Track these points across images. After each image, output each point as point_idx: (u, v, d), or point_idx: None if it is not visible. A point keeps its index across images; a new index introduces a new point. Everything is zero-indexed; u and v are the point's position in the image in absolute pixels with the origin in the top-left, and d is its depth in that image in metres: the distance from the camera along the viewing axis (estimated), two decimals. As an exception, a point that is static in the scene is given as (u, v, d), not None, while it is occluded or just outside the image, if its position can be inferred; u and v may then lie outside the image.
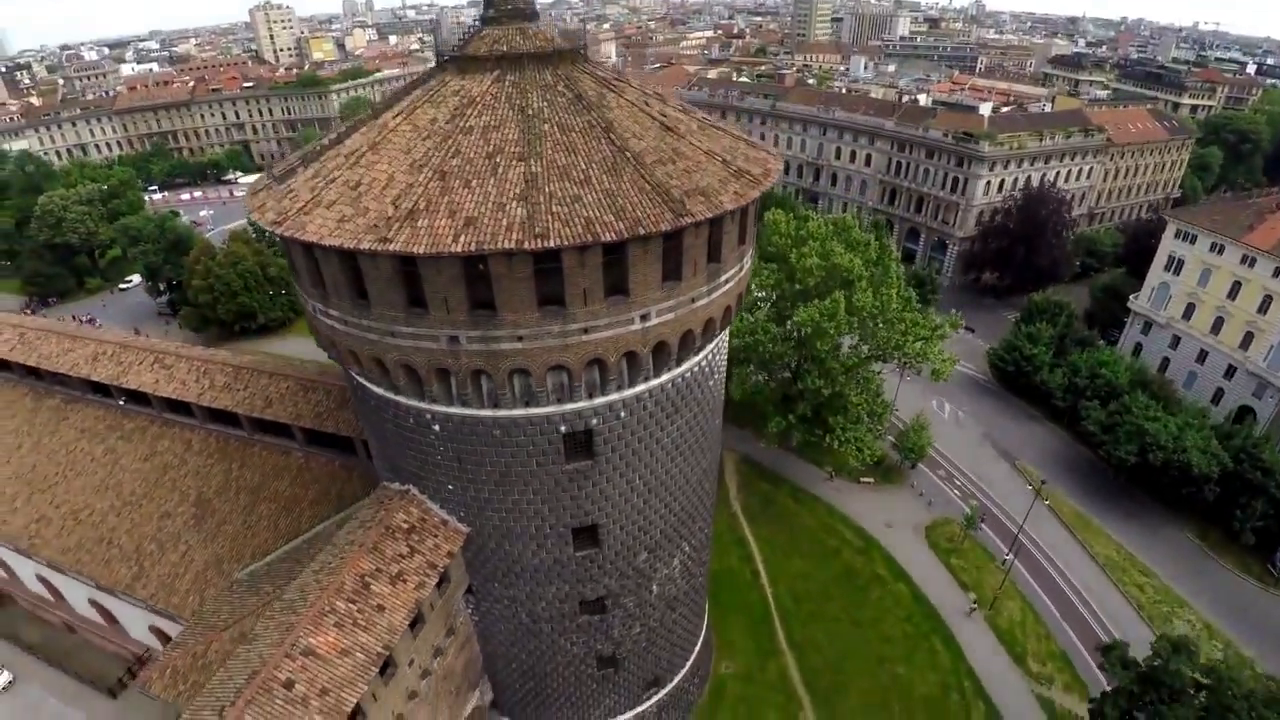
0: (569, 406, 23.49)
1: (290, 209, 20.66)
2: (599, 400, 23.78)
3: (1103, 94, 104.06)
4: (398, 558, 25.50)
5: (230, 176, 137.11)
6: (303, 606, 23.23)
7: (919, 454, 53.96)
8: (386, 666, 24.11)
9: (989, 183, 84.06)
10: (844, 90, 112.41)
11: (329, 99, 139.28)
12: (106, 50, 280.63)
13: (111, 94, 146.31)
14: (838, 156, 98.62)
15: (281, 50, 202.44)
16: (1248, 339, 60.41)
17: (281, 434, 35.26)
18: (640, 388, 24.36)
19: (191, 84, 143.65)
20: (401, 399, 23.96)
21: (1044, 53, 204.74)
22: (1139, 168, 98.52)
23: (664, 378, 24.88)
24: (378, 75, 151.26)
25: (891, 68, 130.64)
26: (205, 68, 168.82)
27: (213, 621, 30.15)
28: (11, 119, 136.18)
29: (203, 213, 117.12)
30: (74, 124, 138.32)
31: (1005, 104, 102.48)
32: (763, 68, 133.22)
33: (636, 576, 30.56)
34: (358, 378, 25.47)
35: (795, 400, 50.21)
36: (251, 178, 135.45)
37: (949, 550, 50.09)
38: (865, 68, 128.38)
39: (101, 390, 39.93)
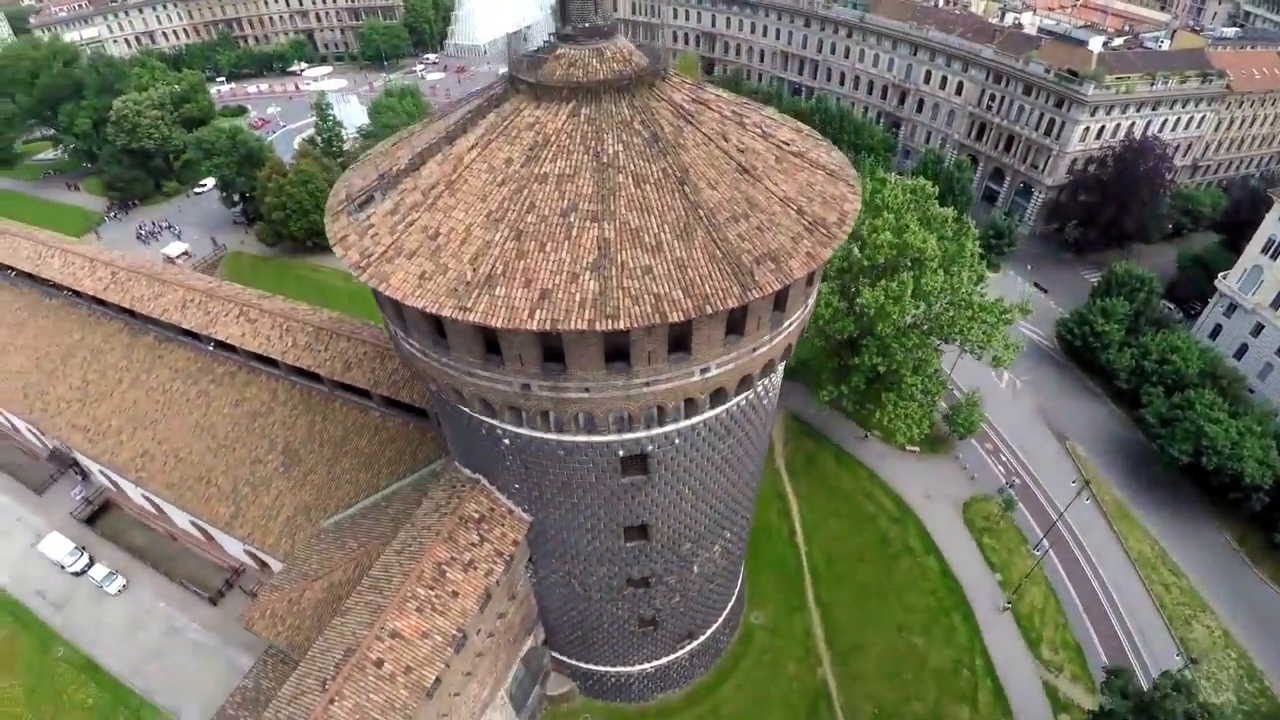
0: (627, 435, 24.88)
1: (373, 252, 21.63)
2: (655, 431, 25.07)
3: (1231, 31, 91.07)
4: (469, 546, 28.37)
5: (295, 68, 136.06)
6: (389, 589, 26.47)
7: (969, 430, 53.95)
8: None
9: (1088, 129, 77.05)
10: (942, 3, 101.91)
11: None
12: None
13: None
14: (926, 81, 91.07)
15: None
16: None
17: (360, 393, 38.06)
18: (695, 419, 25.47)
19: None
20: (474, 414, 25.73)
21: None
22: (1258, 118, 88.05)
23: (719, 409, 25.86)
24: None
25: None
26: None
27: (304, 569, 34.37)
28: (80, 6, 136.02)
29: (270, 109, 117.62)
30: (140, 10, 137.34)
31: (1119, 31, 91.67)
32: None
33: (679, 561, 33.12)
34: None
35: (850, 371, 50.35)
36: (317, 70, 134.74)
37: (984, 529, 51.32)
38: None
39: (191, 333, 43.27)
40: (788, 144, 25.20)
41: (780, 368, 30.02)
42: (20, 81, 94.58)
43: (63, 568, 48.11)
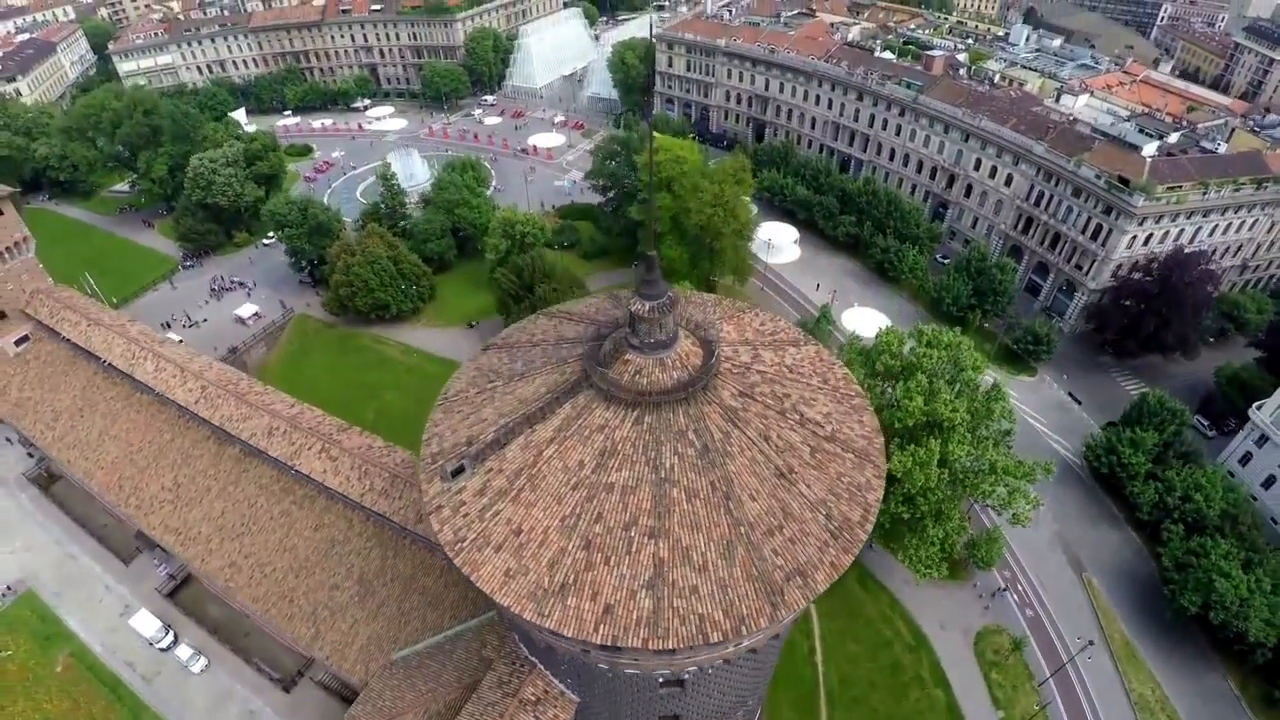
0: (668, 671, 28.72)
1: (465, 537, 25.67)
2: (692, 667, 28.83)
3: None
4: (526, 728, 32.62)
5: (359, 104, 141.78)
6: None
7: (988, 564, 56.39)
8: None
9: (1135, 237, 77.49)
10: (998, 77, 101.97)
11: (454, 27, 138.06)
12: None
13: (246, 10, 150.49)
14: (976, 168, 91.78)
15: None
16: (1367, 489, 57.23)
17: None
18: (728, 651, 29.14)
19: (323, 3, 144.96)
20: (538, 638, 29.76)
21: (1242, 3, 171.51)
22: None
23: (747, 643, 29.48)
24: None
25: (1057, 42, 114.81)
26: None
27: (380, 704, 39.12)
28: (156, 34, 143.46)
29: (335, 153, 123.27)
30: (212, 40, 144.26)
31: (1176, 121, 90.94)
32: (913, 25, 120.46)
33: (706, 723, 37.01)
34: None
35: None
36: (379, 110, 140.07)
37: (993, 663, 53.98)
38: (1027, 39, 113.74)
39: (280, 454, 48.18)
40: (822, 425, 28.46)
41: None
42: (102, 129, 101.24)
43: (151, 643, 54.05)
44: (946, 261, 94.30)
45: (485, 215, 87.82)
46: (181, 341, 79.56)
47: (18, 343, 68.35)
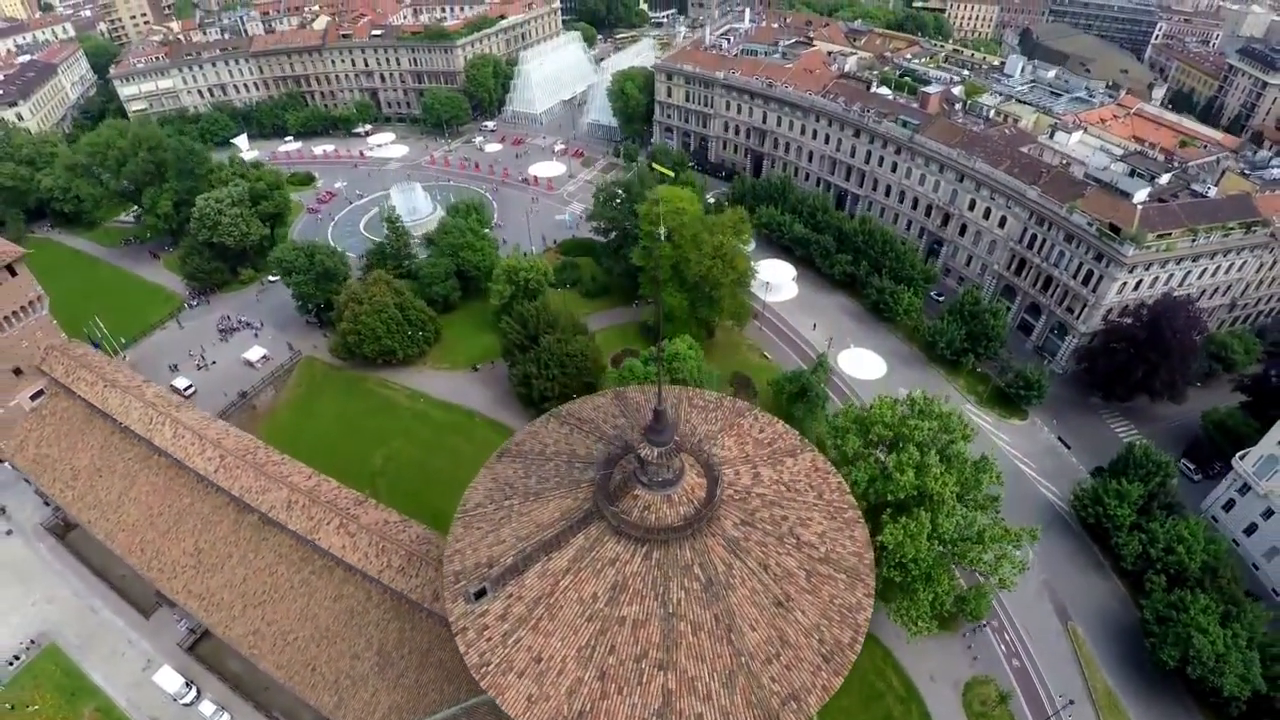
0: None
1: (490, 661, 27.72)
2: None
3: None
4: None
5: (360, 130, 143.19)
6: None
7: (977, 617, 58.52)
8: None
9: (1125, 284, 79.57)
10: (993, 112, 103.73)
11: (454, 53, 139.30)
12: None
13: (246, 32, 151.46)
14: (971, 208, 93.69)
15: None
16: (1344, 539, 59.60)
17: (439, 610, 44.56)
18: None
19: (323, 29, 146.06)
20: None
21: (1236, 21, 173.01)
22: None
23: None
24: (502, 24, 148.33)
25: (1051, 73, 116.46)
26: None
27: (397, 779, 41.29)
28: (156, 58, 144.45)
29: (338, 184, 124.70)
30: (213, 64, 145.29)
31: (1169, 158, 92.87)
32: (909, 56, 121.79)
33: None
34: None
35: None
36: (381, 137, 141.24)
37: (980, 714, 56.26)
38: (1022, 70, 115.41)
39: (299, 526, 50.18)
40: (817, 546, 30.62)
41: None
42: (108, 166, 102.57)
43: (175, 699, 56.12)
44: (942, 299, 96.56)
45: (489, 258, 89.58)
46: (192, 391, 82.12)
47: (33, 397, 70.34)
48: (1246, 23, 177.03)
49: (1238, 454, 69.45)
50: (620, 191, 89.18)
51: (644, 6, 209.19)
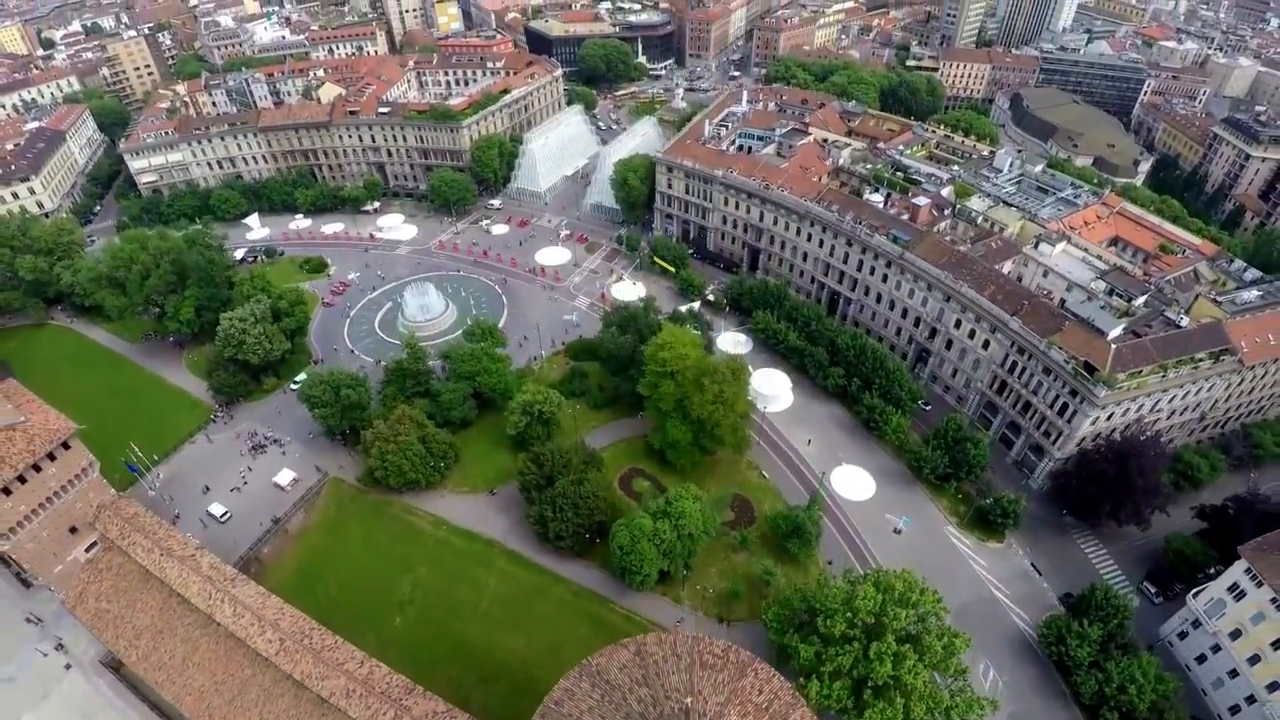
0: None
1: None
2: None
3: (1254, 294, 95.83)
4: None
5: (368, 208, 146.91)
6: None
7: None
8: None
9: (1097, 418, 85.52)
10: (980, 219, 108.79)
11: (460, 133, 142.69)
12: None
13: (253, 101, 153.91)
14: (957, 326, 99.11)
15: (407, 11, 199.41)
16: (1273, 686, 66.27)
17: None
18: None
19: (331, 102, 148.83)
20: None
21: (1223, 77, 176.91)
22: (1270, 375, 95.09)
23: None
24: (505, 99, 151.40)
25: (1039, 168, 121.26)
26: (339, 70, 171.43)
27: None
28: (166, 133, 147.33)
29: (351, 275, 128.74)
30: (222, 138, 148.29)
31: (1146, 275, 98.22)
32: (902, 146, 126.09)
33: None
34: None
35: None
36: (390, 219, 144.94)
37: None
38: (1010, 166, 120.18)
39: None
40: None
41: None
42: (132, 281, 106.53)
43: None
44: (929, 408, 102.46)
45: (504, 379, 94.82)
46: (228, 517, 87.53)
47: (88, 549, 75.90)
48: (1234, 78, 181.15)
49: (1192, 591, 76.18)
50: (629, 320, 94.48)
51: (642, 59, 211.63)
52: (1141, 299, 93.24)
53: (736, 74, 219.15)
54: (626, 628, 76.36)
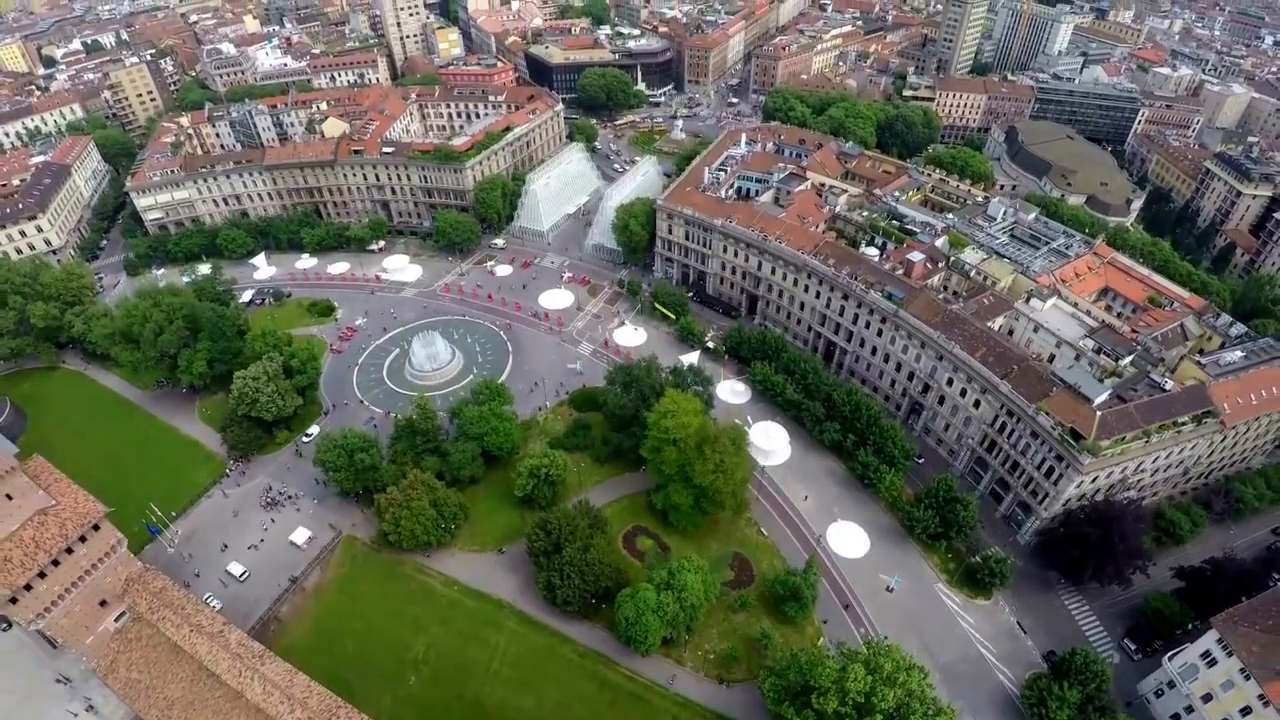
0: None
1: None
2: None
3: (1237, 354, 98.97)
4: None
5: (373, 247, 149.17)
6: None
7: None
8: None
9: (1082, 482, 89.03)
10: (974, 271, 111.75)
11: (464, 173, 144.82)
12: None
13: (257, 140, 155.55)
14: (949, 384, 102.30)
15: (408, 37, 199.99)
16: (1244, 740, 70.45)
17: None
18: None
19: (336, 138, 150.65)
20: None
21: (1216, 106, 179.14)
22: (1252, 431, 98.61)
23: None
24: (508, 137, 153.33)
25: (1032, 215, 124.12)
26: (341, 101, 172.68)
27: None
28: (172, 171, 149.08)
29: (359, 320, 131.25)
30: (228, 176, 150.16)
31: (1134, 333, 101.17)
32: (897, 192, 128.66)
33: None
34: None
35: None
36: (395, 260, 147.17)
37: None
38: (1004, 214, 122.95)
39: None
40: None
41: None
42: (145, 338, 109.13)
43: None
44: (921, 460, 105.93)
45: (511, 438, 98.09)
46: (246, 576, 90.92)
47: (117, 619, 79.21)
48: (1226, 105, 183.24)
49: (1168, 653, 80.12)
50: (632, 379, 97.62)
51: (641, 86, 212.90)
52: (1129, 359, 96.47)
53: (735, 100, 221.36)
54: (630, 687, 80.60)
